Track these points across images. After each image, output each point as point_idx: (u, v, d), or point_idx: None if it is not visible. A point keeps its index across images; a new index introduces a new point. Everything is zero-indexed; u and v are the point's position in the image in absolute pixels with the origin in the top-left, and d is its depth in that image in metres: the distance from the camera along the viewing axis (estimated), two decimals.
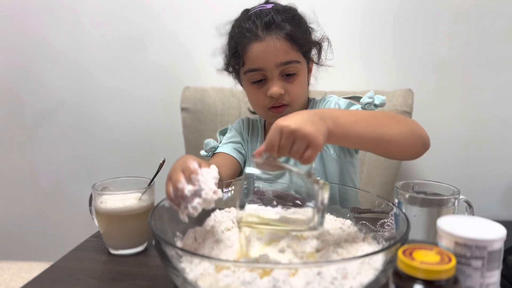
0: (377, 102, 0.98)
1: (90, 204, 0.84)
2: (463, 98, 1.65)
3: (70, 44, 1.75)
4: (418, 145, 0.87)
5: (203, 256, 0.55)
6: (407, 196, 0.73)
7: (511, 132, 1.66)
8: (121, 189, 0.81)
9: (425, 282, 0.46)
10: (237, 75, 1.09)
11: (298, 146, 0.63)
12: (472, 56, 1.61)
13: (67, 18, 1.73)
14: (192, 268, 0.57)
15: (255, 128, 1.18)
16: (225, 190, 0.86)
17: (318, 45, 1.06)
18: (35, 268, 1.24)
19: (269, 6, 1.02)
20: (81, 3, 1.71)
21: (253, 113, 1.28)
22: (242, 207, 0.64)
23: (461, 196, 0.74)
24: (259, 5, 1.05)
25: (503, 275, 1.37)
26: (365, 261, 0.56)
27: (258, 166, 0.66)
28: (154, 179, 0.84)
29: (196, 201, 0.63)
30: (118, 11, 1.70)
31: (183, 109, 1.53)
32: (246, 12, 1.05)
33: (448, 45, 1.61)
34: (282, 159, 0.66)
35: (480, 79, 1.62)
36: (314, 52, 1.07)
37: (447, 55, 1.62)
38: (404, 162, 1.58)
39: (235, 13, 1.64)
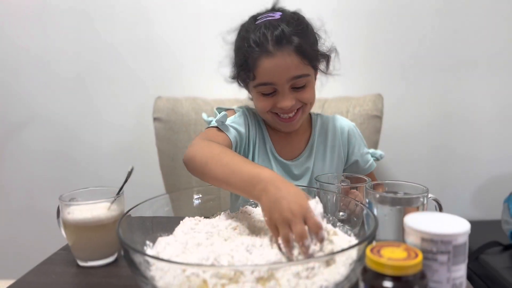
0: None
1: (58, 216, 0.82)
2: (432, 101, 1.69)
3: (41, 56, 1.72)
4: None
5: (170, 261, 0.54)
6: (377, 196, 0.74)
7: (479, 134, 1.70)
8: (89, 200, 0.78)
9: (393, 278, 0.46)
10: (245, 85, 1.07)
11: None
12: (440, 60, 1.66)
13: (37, 31, 1.70)
14: (161, 276, 0.56)
15: (260, 123, 1.13)
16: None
17: (327, 56, 1.06)
18: (4, 286, 1.20)
19: (278, 15, 0.99)
20: (51, 15, 1.69)
21: None
22: None
23: (430, 195, 0.75)
24: (267, 13, 1.01)
25: (477, 274, 1.40)
26: (334, 259, 0.56)
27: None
28: (123, 188, 0.82)
29: (312, 248, 0.59)
30: (89, 23, 1.69)
31: (155, 119, 1.52)
32: (253, 20, 1.01)
33: (416, 49, 1.65)
34: None
35: (448, 83, 1.67)
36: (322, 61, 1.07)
37: (416, 60, 1.66)
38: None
39: (211, 22, 1.66)
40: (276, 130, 1.12)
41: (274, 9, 1.04)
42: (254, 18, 1.02)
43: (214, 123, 1.02)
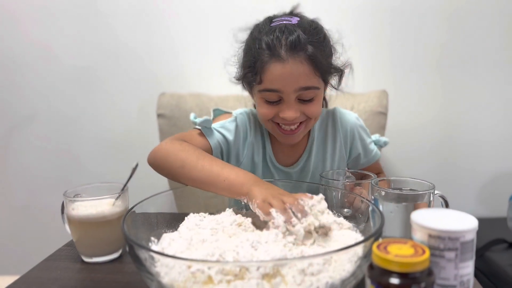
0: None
1: (62, 212, 0.82)
2: (437, 98, 1.68)
3: (43, 54, 1.72)
4: None
5: (175, 257, 0.53)
6: (383, 193, 0.74)
7: (484, 131, 1.69)
8: (94, 196, 0.79)
9: (400, 275, 0.46)
10: (250, 89, 1.01)
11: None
12: (445, 57, 1.65)
13: (39, 28, 1.70)
14: (166, 272, 0.56)
15: (263, 130, 1.09)
16: None
17: (341, 71, 0.99)
18: (9, 282, 1.20)
19: (295, 21, 0.92)
20: (53, 12, 1.69)
21: None
22: None
23: (436, 191, 0.75)
24: (283, 16, 0.95)
25: (482, 271, 1.40)
26: (339, 256, 0.56)
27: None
28: (128, 184, 0.82)
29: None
30: (91, 20, 1.68)
31: (159, 116, 1.51)
32: (268, 22, 0.95)
33: (422, 46, 1.64)
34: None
35: (453, 79, 1.66)
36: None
37: (420, 56, 1.65)
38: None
39: (216, 18, 1.65)
40: None
41: (292, 14, 0.98)
42: (269, 19, 0.96)
43: (207, 135, 1.00)
